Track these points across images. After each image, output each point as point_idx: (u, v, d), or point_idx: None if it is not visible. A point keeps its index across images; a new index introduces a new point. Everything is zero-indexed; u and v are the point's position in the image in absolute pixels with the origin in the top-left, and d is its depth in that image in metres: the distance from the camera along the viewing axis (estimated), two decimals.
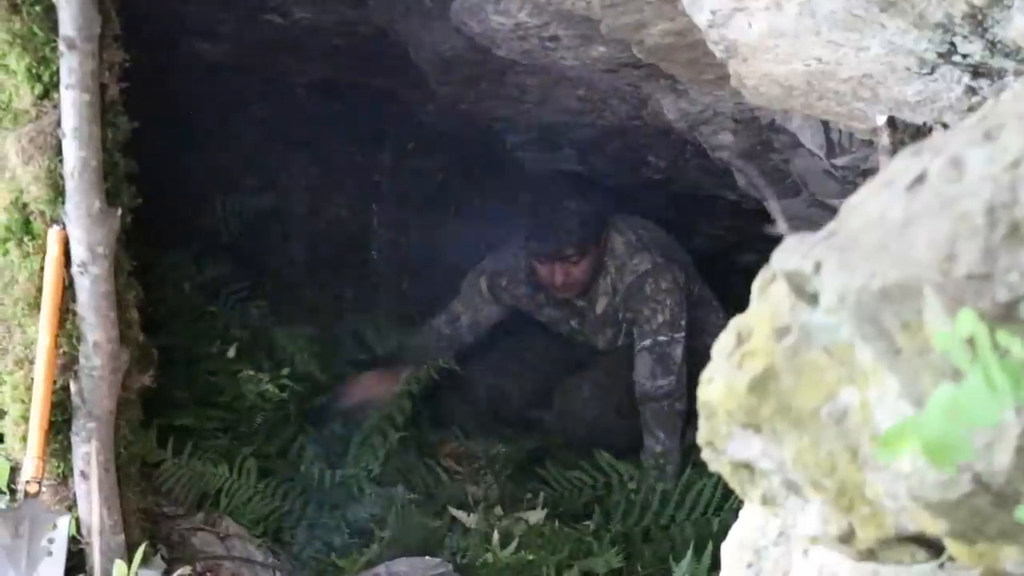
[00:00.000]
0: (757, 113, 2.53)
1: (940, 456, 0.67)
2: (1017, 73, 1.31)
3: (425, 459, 3.32)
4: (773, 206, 2.80)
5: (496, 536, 2.87)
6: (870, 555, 0.84)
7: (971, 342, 0.65)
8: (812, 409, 0.79)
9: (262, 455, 2.97)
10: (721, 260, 4.30)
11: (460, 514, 3.01)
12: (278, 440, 3.11)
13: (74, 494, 2.25)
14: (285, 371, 3.22)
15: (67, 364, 2.22)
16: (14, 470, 2.22)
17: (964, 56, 1.34)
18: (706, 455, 0.91)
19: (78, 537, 2.23)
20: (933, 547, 0.80)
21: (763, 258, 0.85)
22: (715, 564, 2.32)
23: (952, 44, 1.33)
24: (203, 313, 3.24)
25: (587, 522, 3.00)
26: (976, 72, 1.37)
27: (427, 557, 2.63)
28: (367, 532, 2.86)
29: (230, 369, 3.13)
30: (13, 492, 2.21)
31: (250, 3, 3.09)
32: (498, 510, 3.08)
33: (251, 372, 3.14)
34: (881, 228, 0.72)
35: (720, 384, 0.86)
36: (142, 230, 2.37)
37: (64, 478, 2.25)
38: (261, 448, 3.01)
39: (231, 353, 3.17)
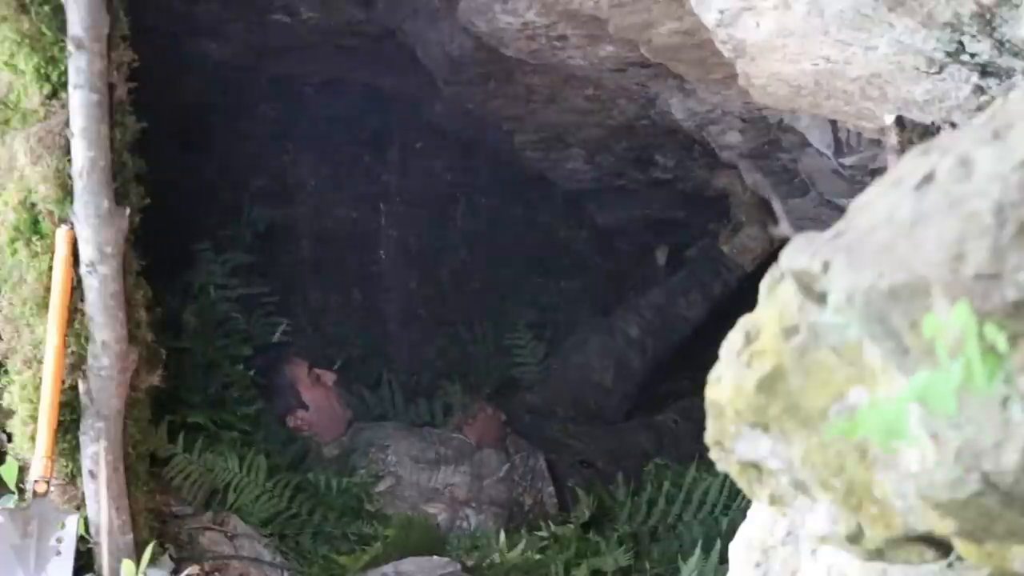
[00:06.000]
0: (765, 112, 2.53)
1: (882, 436, 0.69)
2: None
3: None
4: (778, 207, 2.80)
5: (503, 536, 2.87)
6: (878, 555, 0.83)
7: (962, 333, 0.65)
8: (821, 408, 0.79)
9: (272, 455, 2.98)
10: None
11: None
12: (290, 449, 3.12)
13: (83, 493, 2.25)
14: None
15: (76, 364, 2.22)
16: (23, 469, 2.23)
17: (972, 55, 1.34)
18: (714, 454, 0.91)
19: (87, 536, 2.23)
20: (942, 547, 0.80)
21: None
22: (723, 563, 2.31)
23: (960, 43, 1.32)
24: (226, 320, 3.23)
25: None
26: (984, 71, 1.37)
27: (435, 557, 2.62)
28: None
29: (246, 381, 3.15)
30: (22, 491, 2.21)
31: (258, 3, 3.09)
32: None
33: None
34: (889, 227, 0.72)
35: (728, 383, 0.86)
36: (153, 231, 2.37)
37: (73, 477, 2.26)
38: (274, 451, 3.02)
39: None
